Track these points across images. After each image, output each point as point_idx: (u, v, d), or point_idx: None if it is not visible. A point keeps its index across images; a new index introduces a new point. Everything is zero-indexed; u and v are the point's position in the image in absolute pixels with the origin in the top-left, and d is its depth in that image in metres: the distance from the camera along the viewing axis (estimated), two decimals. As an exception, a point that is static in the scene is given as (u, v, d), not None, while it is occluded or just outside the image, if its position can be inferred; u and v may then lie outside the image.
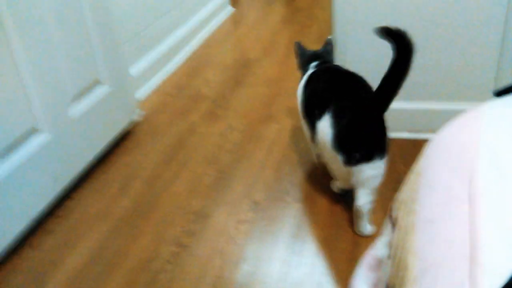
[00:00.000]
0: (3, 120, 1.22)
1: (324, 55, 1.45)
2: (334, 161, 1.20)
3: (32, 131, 1.33)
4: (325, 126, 1.19)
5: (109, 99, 1.66)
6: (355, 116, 1.14)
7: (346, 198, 1.36)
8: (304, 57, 1.47)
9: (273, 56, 2.44)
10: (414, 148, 1.55)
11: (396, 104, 1.59)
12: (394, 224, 0.68)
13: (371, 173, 1.16)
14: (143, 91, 2.11)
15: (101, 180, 1.56)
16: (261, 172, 1.52)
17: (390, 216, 0.73)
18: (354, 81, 1.27)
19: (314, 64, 1.43)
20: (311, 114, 1.28)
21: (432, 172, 0.54)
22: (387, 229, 0.75)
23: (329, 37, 1.52)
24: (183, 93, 2.12)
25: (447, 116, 0.75)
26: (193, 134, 1.78)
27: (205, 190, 1.47)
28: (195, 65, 2.41)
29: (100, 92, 1.61)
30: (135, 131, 1.83)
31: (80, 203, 1.46)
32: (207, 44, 2.69)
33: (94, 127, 1.59)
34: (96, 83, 1.60)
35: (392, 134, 1.63)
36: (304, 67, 1.47)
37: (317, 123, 1.23)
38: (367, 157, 1.14)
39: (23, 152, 1.29)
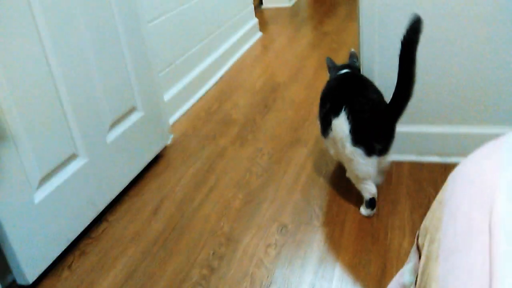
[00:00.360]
0: (47, 148, 1.29)
1: (351, 67, 1.55)
2: (355, 158, 1.30)
3: (72, 157, 1.40)
4: (341, 122, 1.29)
5: (143, 124, 1.72)
6: (376, 113, 1.27)
7: (375, 225, 1.36)
8: (335, 70, 1.56)
9: (301, 80, 2.48)
10: (444, 172, 1.55)
11: (427, 128, 1.59)
12: (419, 251, 0.69)
13: (388, 160, 1.36)
14: (174, 116, 2.17)
15: (134, 203, 1.61)
16: (290, 195, 1.55)
17: (417, 243, 0.75)
18: (366, 84, 1.39)
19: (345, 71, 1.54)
20: (323, 108, 1.41)
21: (454, 202, 0.56)
22: (413, 255, 0.76)
23: (352, 50, 1.64)
24: (213, 117, 2.17)
25: (479, 140, 0.75)
26: (222, 157, 1.82)
27: (235, 213, 1.50)
28: (225, 90, 2.47)
29: (135, 117, 1.68)
30: (166, 155, 1.89)
31: (114, 226, 1.51)
32: (237, 69, 2.76)
33: (129, 151, 1.65)
34: (133, 110, 1.67)
35: (422, 158, 1.63)
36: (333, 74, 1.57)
37: (332, 120, 1.33)
38: (387, 147, 1.30)
39: (62, 176, 1.36)
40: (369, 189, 1.36)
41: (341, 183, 1.56)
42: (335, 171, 1.64)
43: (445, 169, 1.56)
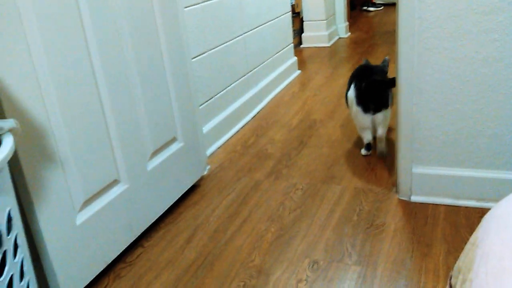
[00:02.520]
0: (92, 172, 1.36)
1: (378, 67, 2.07)
2: (357, 114, 1.95)
3: (114, 183, 1.46)
4: (351, 93, 1.98)
5: (182, 154, 1.78)
6: (369, 85, 1.90)
7: (409, 267, 1.35)
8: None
9: (337, 118, 2.51)
10: (481, 216, 1.52)
11: (465, 172, 1.59)
12: (452, 292, 0.69)
13: (381, 117, 1.93)
14: (212, 148, 2.23)
15: (169, 230, 1.65)
16: (322, 232, 1.55)
17: (450, 283, 0.75)
18: (373, 71, 1.99)
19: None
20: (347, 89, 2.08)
21: (487, 243, 0.56)
22: (446, 296, 0.76)
23: (386, 57, 2.14)
24: (249, 150, 2.22)
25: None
26: (257, 190, 1.85)
27: (267, 246, 1.51)
28: (262, 124, 2.53)
29: (175, 147, 1.75)
30: (202, 185, 1.93)
31: (149, 251, 1.55)
32: (274, 105, 2.82)
33: (167, 180, 1.70)
34: (173, 140, 1.74)
35: (459, 201, 1.62)
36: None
37: (347, 93, 2.04)
38: (377, 108, 1.91)
39: (104, 200, 1.42)
40: (366, 137, 2.01)
41: (375, 222, 1.56)
42: (369, 210, 1.64)
43: (482, 214, 1.54)
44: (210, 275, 1.41)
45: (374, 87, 1.91)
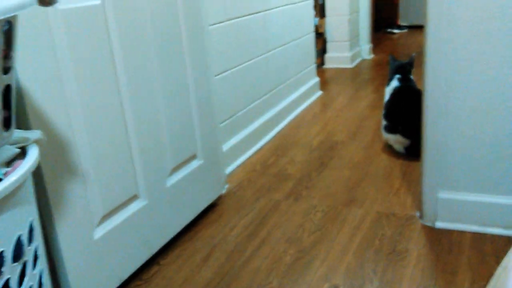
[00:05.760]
0: (112, 187, 1.35)
1: (406, 66, 2.25)
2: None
3: (134, 198, 1.45)
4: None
5: (202, 172, 1.77)
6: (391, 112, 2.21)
7: (431, 292, 1.30)
8: (393, 66, 2.29)
9: (359, 140, 2.47)
10: (508, 245, 1.47)
11: (491, 198, 1.54)
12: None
13: (393, 138, 2.20)
14: (231, 166, 2.21)
15: (186, 249, 1.63)
16: (343, 256, 1.51)
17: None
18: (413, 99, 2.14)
19: (398, 76, 2.25)
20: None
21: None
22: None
23: (413, 54, 2.31)
24: (269, 170, 2.19)
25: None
26: (276, 211, 1.82)
27: (285, 268, 1.47)
28: (283, 144, 2.50)
29: (195, 165, 1.73)
30: (221, 204, 1.91)
31: (165, 269, 1.53)
32: (295, 125, 2.80)
33: (186, 197, 1.69)
34: (193, 157, 1.73)
35: (487, 229, 1.57)
36: (391, 74, 2.29)
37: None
38: (392, 130, 2.18)
39: (123, 215, 1.41)
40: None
41: (398, 248, 1.51)
42: (392, 236, 1.59)
43: (509, 242, 1.48)
44: (227, 296, 1.38)
45: (396, 117, 2.19)
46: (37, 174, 1.13)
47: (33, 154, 0.88)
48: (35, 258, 0.90)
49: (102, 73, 1.30)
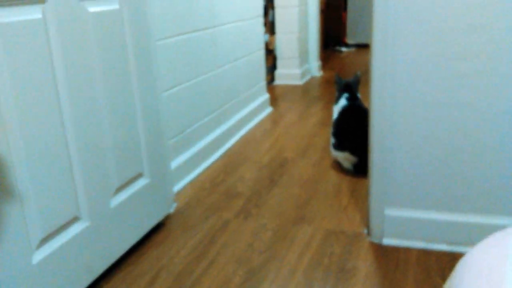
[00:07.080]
0: (52, 208, 1.28)
1: (352, 84, 2.31)
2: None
3: (75, 220, 1.38)
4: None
5: (148, 191, 1.71)
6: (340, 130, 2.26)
7: (379, 311, 1.30)
8: (340, 84, 2.35)
9: (309, 157, 2.49)
10: (452, 261, 1.50)
11: (436, 215, 1.57)
12: None
13: (341, 156, 2.25)
14: (179, 184, 2.17)
15: (131, 271, 1.57)
16: (292, 276, 1.50)
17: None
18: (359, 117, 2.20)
19: (346, 95, 2.30)
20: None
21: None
22: None
23: (358, 72, 2.37)
24: (218, 188, 2.16)
25: (488, 230, 0.74)
26: (225, 231, 1.79)
27: (234, 290, 1.44)
28: (232, 162, 2.48)
29: (141, 184, 1.68)
30: (168, 223, 1.86)
31: (108, 295, 1.46)
32: (245, 142, 2.79)
33: (131, 217, 1.62)
34: (139, 176, 1.67)
35: (432, 246, 1.60)
36: (339, 92, 2.35)
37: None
38: (340, 148, 2.23)
39: (63, 238, 1.33)
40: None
41: (346, 266, 1.52)
42: (341, 254, 1.60)
43: (453, 258, 1.52)
44: (173, 321, 1.33)
45: (345, 135, 2.25)
46: (-35, 197, 1.05)
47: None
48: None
49: (42, 90, 1.23)
